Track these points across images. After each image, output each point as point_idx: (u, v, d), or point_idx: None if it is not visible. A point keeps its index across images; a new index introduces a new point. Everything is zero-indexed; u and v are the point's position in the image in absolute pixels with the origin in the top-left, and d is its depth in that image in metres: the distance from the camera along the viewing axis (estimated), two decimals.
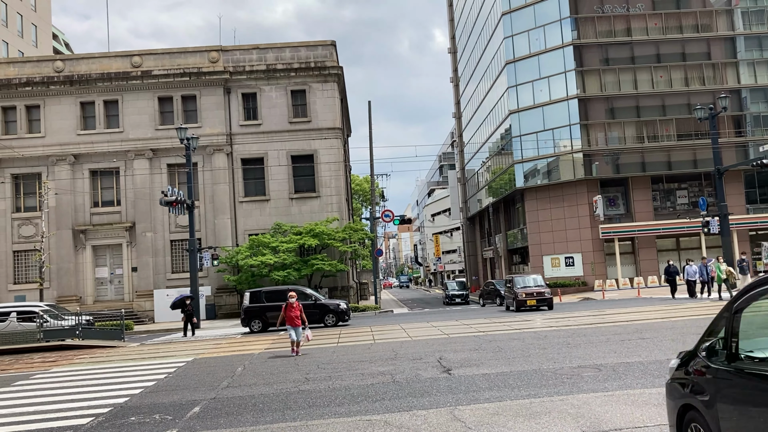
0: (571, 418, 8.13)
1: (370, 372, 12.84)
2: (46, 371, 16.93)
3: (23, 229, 37.92)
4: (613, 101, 43.60)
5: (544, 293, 28.43)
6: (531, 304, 28.23)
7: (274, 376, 13.30)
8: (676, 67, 43.60)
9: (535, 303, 28.16)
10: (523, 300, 28.32)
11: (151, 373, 15.12)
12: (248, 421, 9.28)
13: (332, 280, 37.62)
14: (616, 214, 43.83)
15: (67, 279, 37.34)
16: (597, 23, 44.02)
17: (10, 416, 10.88)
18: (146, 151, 38.17)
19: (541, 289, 28.85)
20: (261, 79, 39.02)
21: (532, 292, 28.45)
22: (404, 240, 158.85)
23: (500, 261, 54.46)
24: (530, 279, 30.31)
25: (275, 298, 26.05)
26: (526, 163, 45.72)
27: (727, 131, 42.04)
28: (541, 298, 28.29)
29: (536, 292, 28.46)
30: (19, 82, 38.31)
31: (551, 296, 28.73)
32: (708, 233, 31.93)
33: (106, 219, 38.34)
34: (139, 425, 9.54)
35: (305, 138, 38.83)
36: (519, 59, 46.30)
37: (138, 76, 38.50)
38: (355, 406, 9.73)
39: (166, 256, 37.96)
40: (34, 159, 38.08)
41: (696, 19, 44.13)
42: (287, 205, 38.56)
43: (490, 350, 14.99)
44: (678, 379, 5.34)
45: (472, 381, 11.13)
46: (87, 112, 38.87)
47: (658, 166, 42.92)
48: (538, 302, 28.14)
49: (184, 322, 25.82)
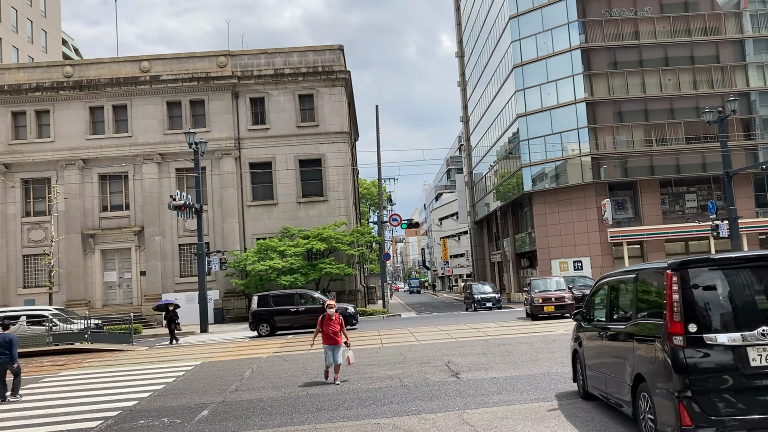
0: (581, 422, 8.11)
1: (378, 375, 12.83)
2: (55, 375, 17.00)
3: (33, 233, 38.12)
4: (621, 104, 43.45)
5: (564, 298, 25.59)
6: (548, 310, 25.52)
7: (282, 379, 13.31)
8: (685, 70, 43.41)
9: (554, 309, 25.36)
10: (539, 306, 25.56)
11: (159, 376, 15.16)
12: (256, 425, 9.29)
13: (340, 284, 37.62)
14: (624, 217, 43.64)
15: (76, 283, 37.49)
16: (605, 26, 43.90)
17: (20, 419, 10.94)
18: (155, 156, 38.32)
19: (561, 293, 26.02)
20: (269, 84, 39.13)
21: (550, 297, 25.64)
22: (412, 244, 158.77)
23: (508, 265, 54.32)
24: (552, 282, 27.72)
25: (283, 302, 26.12)
26: (534, 166, 45.60)
27: (737, 134, 41.81)
28: (560, 304, 25.37)
29: (555, 297, 25.63)
30: (29, 87, 38.57)
31: (572, 302, 25.54)
32: (717, 237, 31.73)
33: (115, 223, 38.50)
34: (148, 428, 9.57)
35: (313, 142, 38.89)
36: (526, 63, 46.24)
37: (147, 81, 38.68)
38: (364, 410, 9.73)
39: (175, 260, 38.07)
40: (44, 163, 38.29)
41: (704, 22, 43.94)
42: (295, 209, 38.61)
43: (498, 354, 14.96)
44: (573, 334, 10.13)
45: (481, 385, 11.11)
46: (96, 117, 39.08)
47: (667, 170, 42.72)
48: (556, 308, 25.30)
49: (169, 329, 25.39)
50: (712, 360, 6.13)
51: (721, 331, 6.19)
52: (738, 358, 6.10)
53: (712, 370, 6.14)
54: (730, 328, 6.19)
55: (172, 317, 25.47)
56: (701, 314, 6.26)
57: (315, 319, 26.22)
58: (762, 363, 6.08)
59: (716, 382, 6.11)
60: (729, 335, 6.15)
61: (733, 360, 6.11)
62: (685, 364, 6.14)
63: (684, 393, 6.09)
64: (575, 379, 9.82)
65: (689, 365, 6.13)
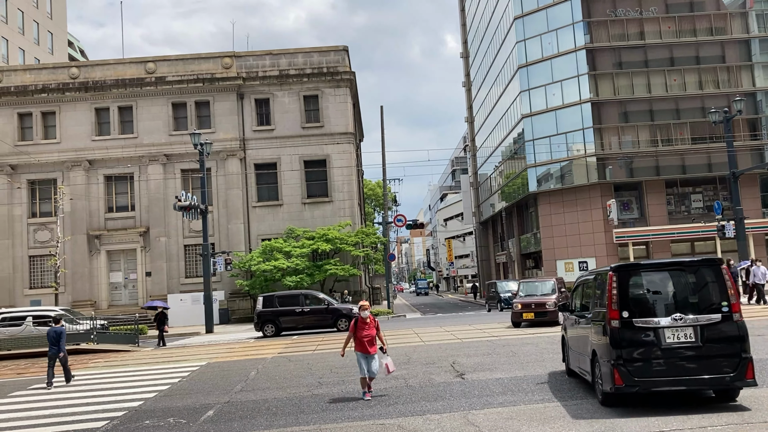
0: (586, 422, 8.09)
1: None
2: (62, 375, 17.04)
3: (39, 234, 38.25)
4: (626, 105, 43.38)
5: (545, 304, 22.23)
6: (528, 318, 22.25)
7: (287, 380, 13.32)
8: (690, 71, 43.32)
9: (533, 317, 22.11)
10: (518, 312, 22.51)
11: (165, 376, 15.19)
12: (262, 425, 9.30)
13: (345, 284, 37.63)
14: (630, 218, 43.56)
15: (82, 283, 37.60)
16: (610, 27, 43.84)
17: (26, 419, 10.98)
18: (160, 157, 38.41)
19: (544, 299, 22.79)
20: (274, 85, 39.18)
21: (530, 303, 22.54)
22: (417, 245, 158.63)
23: (513, 265, 54.27)
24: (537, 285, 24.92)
25: (288, 302, 26.13)
26: (539, 167, 45.56)
27: (742, 134, 41.68)
28: (541, 311, 22.10)
29: (535, 303, 22.49)
30: (36, 88, 38.71)
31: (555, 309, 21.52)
32: (723, 237, 31.62)
33: (121, 224, 38.60)
34: (154, 428, 9.59)
35: (318, 143, 38.92)
36: (531, 63, 46.19)
37: (152, 82, 38.78)
38: (369, 411, 9.73)
39: (180, 260, 38.14)
40: (50, 165, 38.43)
41: (710, 22, 43.84)
42: (300, 210, 38.65)
43: (503, 355, 14.93)
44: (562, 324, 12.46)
45: (486, 385, 11.10)
46: (102, 118, 39.19)
47: (673, 170, 42.63)
48: (536, 315, 22.07)
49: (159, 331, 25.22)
50: (637, 338, 8.36)
51: (645, 316, 8.42)
52: (656, 336, 8.29)
53: (637, 345, 8.33)
54: (651, 315, 8.45)
55: (162, 319, 25.37)
56: (632, 304, 8.49)
57: (320, 320, 26.45)
58: (673, 341, 8.22)
59: (640, 354, 8.27)
60: (651, 320, 8.40)
61: (653, 338, 8.28)
62: (618, 340, 8.39)
63: (618, 362, 8.31)
64: (563, 359, 11.93)
65: (621, 341, 8.37)
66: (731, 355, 8.18)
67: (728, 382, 8.19)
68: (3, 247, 37.77)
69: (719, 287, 8.46)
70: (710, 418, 7.90)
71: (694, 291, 8.59)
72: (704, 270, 8.67)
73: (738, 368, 8.15)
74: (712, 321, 8.26)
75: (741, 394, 8.73)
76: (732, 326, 8.28)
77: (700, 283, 8.62)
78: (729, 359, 8.17)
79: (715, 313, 8.30)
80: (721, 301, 8.39)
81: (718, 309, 8.33)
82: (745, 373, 8.14)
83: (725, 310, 8.33)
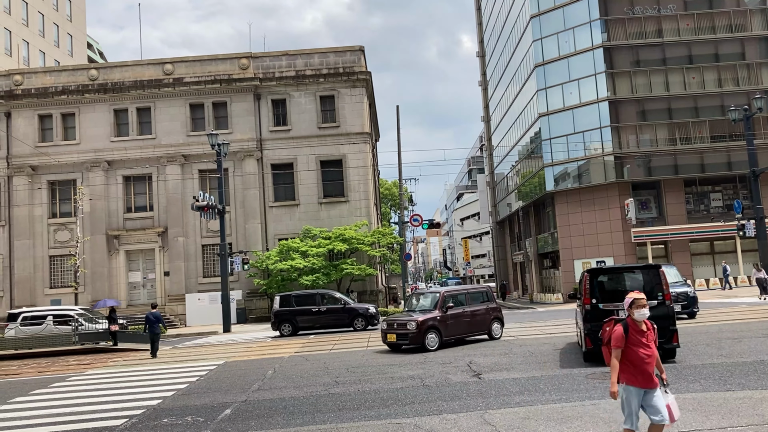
0: (603, 423, 8.05)
1: (400, 376, 12.84)
2: (81, 373, 17.25)
3: (59, 234, 38.69)
4: (644, 103, 42.98)
5: (406, 324, 17.09)
6: (391, 340, 17.53)
7: (304, 379, 13.37)
8: (709, 68, 42.83)
9: (395, 339, 17.33)
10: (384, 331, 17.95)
11: (183, 375, 15.31)
12: (279, 424, 9.35)
13: (361, 284, 37.68)
14: (648, 217, 43.15)
15: (101, 283, 37.98)
16: (627, 25, 43.47)
17: (47, 417, 11.12)
18: (178, 157, 38.69)
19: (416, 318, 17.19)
20: (290, 85, 39.32)
21: (393, 323, 17.67)
22: (433, 244, 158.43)
23: (530, 265, 54.01)
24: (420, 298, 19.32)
25: (305, 302, 26.21)
26: (556, 166, 45.27)
27: (763, 132, 41.16)
28: (402, 332, 17.14)
29: (398, 323, 17.43)
30: (55, 90, 39.16)
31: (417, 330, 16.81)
32: (744, 237, 31.27)
33: (139, 224, 38.94)
34: (172, 427, 9.68)
35: (334, 143, 39.01)
36: (548, 62, 45.93)
37: (170, 83, 39.08)
38: (385, 410, 9.75)
39: (198, 260, 38.40)
40: (69, 165, 38.85)
41: (729, 19, 43.33)
42: (316, 210, 38.75)
43: (520, 354, 14.89)
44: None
45: (503, 385, 11.07)
46: (120, 119, 39.56)
47: (691, 169, 42.18)
48: (398, 337, 17.23)
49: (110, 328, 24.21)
50: (600, 316, 12.02)
51: (606, 302, 12.88)
52: (615, 315, 10.09)
53: (599, 320, 11.28)
54: (610, 301, 12.82)
55: (112, 318, 24.25)
56: (598, 294, 13.10)
57: (337, 320, 26.48)
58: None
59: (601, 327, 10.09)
60: (609, 304, 12.76)
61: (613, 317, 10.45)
62: (588, 318, 12.85)
63: (587, 331, 12.75)
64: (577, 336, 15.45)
65: (590, 318, 12.80)
66: (664, 328, 11.80)
67: (662, 344, 11.76)
68: (24, 247, 38.25)
69: (658, 283, 12.84)
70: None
71: (641, 286, 12.67)
72: (648, 272, 13.10)
73: (668, 335, 12.39)
74: (652, 305, 10.41)
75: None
76: (665, 308, 12.61)
77: (646, 281, 12.97)
78: (663, 330, 11.50)
79: (654, 300, 12.37)
80: (658, 293, 12.72)
81: (656, 297, 12.56)
82: (671, 338, 12.52)
83: (660, 298, 12.67)
